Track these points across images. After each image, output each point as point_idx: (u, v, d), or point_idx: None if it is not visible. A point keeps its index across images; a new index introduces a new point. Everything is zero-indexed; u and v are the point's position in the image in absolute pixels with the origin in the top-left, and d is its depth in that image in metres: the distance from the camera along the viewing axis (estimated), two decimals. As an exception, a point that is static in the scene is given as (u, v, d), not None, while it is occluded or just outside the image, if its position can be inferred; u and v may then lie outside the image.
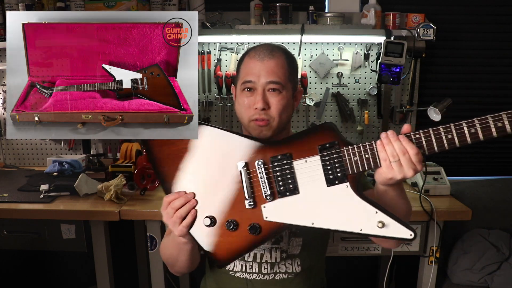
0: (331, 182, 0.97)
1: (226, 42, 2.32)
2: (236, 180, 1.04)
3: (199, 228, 1.05)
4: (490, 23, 2.33)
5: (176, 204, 1.04)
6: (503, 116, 0.85)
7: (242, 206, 1.03)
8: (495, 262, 2.03)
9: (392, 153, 0.91)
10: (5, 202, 1.83)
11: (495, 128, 0.86)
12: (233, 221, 1.03)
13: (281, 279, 1.25)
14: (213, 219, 1.04)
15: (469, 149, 2.50)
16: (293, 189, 1.00)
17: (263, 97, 1.12)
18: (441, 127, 0.89)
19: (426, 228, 1.86)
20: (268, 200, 1.02)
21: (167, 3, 2.16)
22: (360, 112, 2.38)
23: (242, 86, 1.16)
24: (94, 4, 2.15)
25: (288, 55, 1.19)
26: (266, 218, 1.02)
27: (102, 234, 1.84)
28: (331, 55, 2.32)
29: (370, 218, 0.93)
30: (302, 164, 1.00)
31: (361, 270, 2.63)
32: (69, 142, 2.46)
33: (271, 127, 1.14)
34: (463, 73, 2.40)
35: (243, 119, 1.17)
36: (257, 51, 1.16)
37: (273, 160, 1.02)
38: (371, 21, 2.16)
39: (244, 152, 1.04)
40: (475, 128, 0.86)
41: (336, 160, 0.97)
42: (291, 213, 1.00)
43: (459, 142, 0.87)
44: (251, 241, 1.04)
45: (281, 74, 1.13)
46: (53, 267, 2.59)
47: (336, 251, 1.89)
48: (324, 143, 0.98)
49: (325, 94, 2.36)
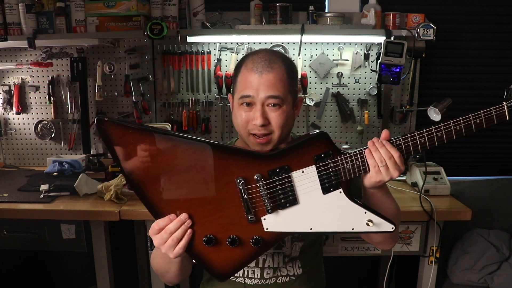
0: (327, 190, 1.01)
1: (226, 42, 2.32)
2: (234, 195, 1.01)
3: (199, 247, 1.02)
4: (490, 23, 2.32)
5: (171, 228, 0.97)
6: (461, 121, 0.96)
7: (242, 221, 1.01)
8: (495, 262, 2.03)
9: (380, 159, 0.98)
10: (5, 202, 1.83)
11: (454, 132, 0.96)
12: (235, 238, 1.01)
13: (283, 282, 1.25)
14: (213, 237, 1.01)
15: (469, 149, 2.50)
16: (293, 201, 1.01)
17: (262, 113, 1.07)
18: (416, 132, 0.98)
19: (426, 228, 1.86)
20: (268, 213, 1.02)
21: (167, 3, 2.16)
22: (360, 112, 2.38)
23: (240, 100, 1.10)
24: (94, 4, 2.15)
25: (287, 64, 1.12)
26: (267, 230, 1.02)
27: (102, 234, 1.84)
28: (331, 55, 2.32)
29: (360, 218, 1.01)
30: (300, 176, 1.01)
31: (361, 270, 2.63)
32: (69, 142, 2.46)
33: (272, 141, 1.10)
34: (463, 73, 2.40)
35: (241, 132, 1.13)
36: (255, 62, 1.09)
37: (271, 174, 1.01)
38: (371, 21, 2.16)
39: (239, 166, 1.01)
40: (441, 132, 0.96)
41: (331, 169, 1.00)
42: (291, 222, 1.02)
43: (429, 145, 0.98)
44: (254, 252, 1.04)
45: (281, 87, 1.08)
46: (53, 267, 2.59)
47: (336, 251, 1.89)
48: (319, 153, 1.01)
49: (325, 94, 2.36)
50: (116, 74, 2.38)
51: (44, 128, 2.48)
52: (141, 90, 2.37)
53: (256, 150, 1.10)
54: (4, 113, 2.46)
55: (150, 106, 2.39)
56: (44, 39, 2.17)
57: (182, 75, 2.36)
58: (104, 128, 0.96)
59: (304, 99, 2.33)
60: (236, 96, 1.12)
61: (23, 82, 2.43)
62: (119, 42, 2.34)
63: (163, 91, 2.37)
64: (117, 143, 0.97)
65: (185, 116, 2.36)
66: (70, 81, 2.38)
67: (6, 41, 2.17)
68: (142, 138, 0.97)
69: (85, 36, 2.19)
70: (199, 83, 2.36)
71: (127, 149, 0.97)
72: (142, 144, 0.97)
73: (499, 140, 2.49)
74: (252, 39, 2.25)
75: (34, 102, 2.45)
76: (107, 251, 1.88)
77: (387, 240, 1.19)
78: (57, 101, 2.42)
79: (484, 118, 0.94)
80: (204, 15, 2.22)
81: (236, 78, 1.14)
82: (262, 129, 1.08)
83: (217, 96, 2.34)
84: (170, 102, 2.38)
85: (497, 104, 0.95)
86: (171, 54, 2.31)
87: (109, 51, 2.36)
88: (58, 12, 2.17)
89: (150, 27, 2.07)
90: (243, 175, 1.00)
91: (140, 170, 0.98)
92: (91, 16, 2.18)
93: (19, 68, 2.37)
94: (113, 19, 2.17)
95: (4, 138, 2.49)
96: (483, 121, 0.95)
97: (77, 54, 2.34)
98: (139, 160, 0.98)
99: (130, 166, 0.98)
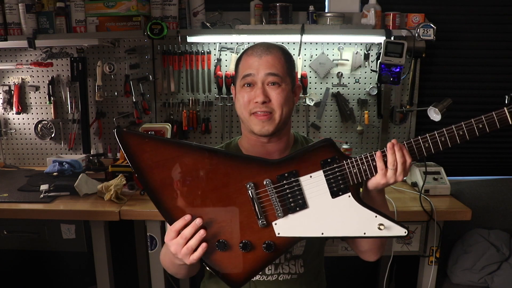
0: (335, 194, 1.03)
1: (226, 42, 2.32)
2: (245, 201, 1.03)
3: (212, 254, 1.04)
4: (490, 23, 2.32)
5: (186, 234, 1.00)
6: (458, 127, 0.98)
7: (254, 226, 1.04)
8: (495, 262, 2.03)
9: (393, 162, 0.99)
10: (5, 202, 1.83)
11: (458, 136, 0.98)
12: (248, 242, 1.03)
13: (284, 279, 1.25)
14: (226, 243, 1.03)
15: (469, 149, 2.50)
16: (303, 204, 1.03)
17: (263, 91, 1.14)
18: (420, 137, 1.01)
19: (426, 228, 1.86)
20: (279, 217, 1.03)
21: (167, 3, 2.16)
22: (360, 112, 2.38)
23: (242, 81, 1.17)
24: (94, 4, 2.15)
25: (285, 52, 1.21)
26: (279, 234, 1.03)
27: (102, 234, 1.84)
28: (331, 55, 2.32)
29: (371, 222, 1.01)
30: (308, 180, 1.03)
31: (361, 270, 2.63)
32: (69, 142, 2.46)
33: (274, 120, 1.15)
34: (463, 73, 2.40)
35: (243, 115, 1.18)
36: (254, 49, 1.18)
37: (280, 178, 1.03)
38: (371, 21, 2.16)
39: (249, 172, 1.04)
40: (444, 137, 0.99)
41: (338, 173, 1.03)
42: (302, 226, 1.03)
43: (434, 149, 1.00)
44: (267, 258, 1.05)
45: (280, 67, 1.16)
46: (53, 267, 2.59)
47: (336, 251, 1.89)
48: (325, 158, 1.03)
49: (325, 94, 2.36)
50: (116, 74, 2.38)
51: (44, 128, 2.48)
52: (141, 90, 2.37)
53: (258, 130, 1.15)
54: (4, 113, 2.46)
55: (150, 106, 2.39)
56: (44, 39, 2.17)
57: (182, 75, 2.36)
58: (122, 138, 1.03)
59: (304, 99, 2.33)
60: (238, 80, 1.20)
61: (23, 82, 2.43)
62: (119, 42, 2.34)
63: (163, 91, 2.37)
64: (134, 152, 1.03)
65: (185, 116, 2.36)
66: (70, 81, 2.38)
67: (6, 41, 2.17)
68: (157, 147, 1.03)
69: (85, 36, 2.19)
70: (199, 83, 2.36)
71: (143, 157, 1.03)
72: (157, 152, 1.03)
73: (499, 140, 2.49)
74: (252, 39, 2.25)
75: (34, 102, 2.46)
76: (107, 251, 1.88)
77: (376, 250, 1.21)
78: (57, 101, 2.42)
79: (486, 122, 0.96)
80: (204, 15, 2.22)
81: (238, 67, 1.22)
82: (263, 107, 1.13)
83: (217, 96, 2.34)
84: (170, 102, 2.38)
85: (499, 109, 0.96)
86: (171, 54, 2.31)
87: (109, 51, 2.36)
88: (58, 12, 2.17)
89: (150, 27, 2.08)
90: (253, 181, 1.03)
91: (155, 177, 1.03)
92: (91, 16, 2.18)
93: (19, 68, 2.37)
94: (113, 19, 2.17)
95: (4, 138, 2.50)
96: (485, 125, 0.96)
97: (77, 54, 2.34)
98: (154, 167, 1.03)
99: (146, 173, 1.03)
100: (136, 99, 2.37)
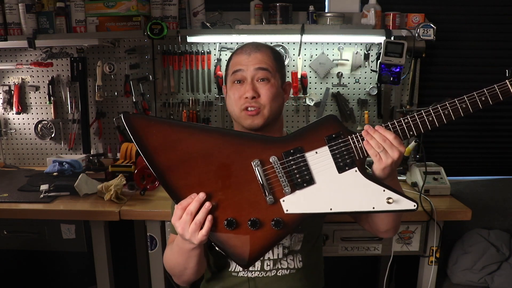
0: (342, 169, 1.04)
1: (226, 42, 2.32)
2: (251, 178, 1.04)
3: (220, 232, 1.04)
4: (490, 23, 2.32)
5: (191, 209, 1.00)
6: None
7: (262, 203, 1.04)
8: (495, 262, 2.03)
9: (377, 145, 1.01)
10: (5, 202, 1.83)
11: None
12: (256, 220, 1.03)
13: (283, 275, 1.25)
14: (234, 221, 1.03)
15: (469, 149, 2.51)
16: (310, 180, 1.04)
17: (253, 87, 1.18)
18: (408, 116, 1.04)
19: (426, 228, 1.86)
20: (286, 194, 1.04)
21: (167, 3, 2.16)
22: (360, 112, 2.38)
23: (232, 77, 1.21)
24: (94, 4, 2.15)
25: (274, 50, 1.25)
26: (287, 211, 1.04)
27: (102, 234, 1.84)
28: (331, 55, 2.32)
29: (380, 197, 1.01)
30: (314, 156, 1.05)
31: (361, 270, 2.63)
32: (69, 142, 2.46)
33: (263, 115, 1.19)
34: (463, 73, 2.40)
35: (234, 112, 1.22)
36: (244, 48, 1.24)
37: (286, 155, 1.05)
38: (371, 21, 2.16)
39: (254, 150, 1.05)
40: (431, 116, 1.04)
41: (343, 148, 1.04)
42: (310, 202, 1.04)
43: (422, 128, 1.03)
44: (276, 235, 1.05)
45: (269, 62, 1.20)
46: (53, 267, 2.59)
47: (336, 251, 1.89)
48: (330, 134, 1.05)
49: (325, 94, 2.36)
50: (116, 74, 2.38)
51: (44, 128, 2.48)
52: (141, 90, 2.37)
53: (248, 125, 1.19)
54: (4, 113, 2.46)
55: (150, 106, 2.39)
56: (44, 39, 2.17)
57: (182, 75, 2.37)
58: (130, 121, 1.05)
59: (304, 99, 2.33)
60: (229, 78, 1.24)
61: (23, 82, 2.43)
62: (119, 42, 2.34)
63: (163, 91, 2.37)
64: (141, 134, 1.04)
65: (185, 116, 2.36)
66: (70, 81, 2.38)
67: (6, 41, 2.17)
68: (164, 129, 1.05)
69: (85, 36, 2.19)
70: (199, 83, 2.36)
71: (151, 139, 1.05)
72: (164, 134, 1.05)
73: (499, 140, 2.49)
74: (252, 39, 2.25)
75: (34, 102, 2.46)
76: (107, 251, 1.88)
77: (394, 225, 1.22)
78: (57, 101, 2.42)
79: (488, 95, 0.99)
80: (204, 15, 2.22)
81: (228, 66, 1.27)
82: (253, 102, 1.18)
83: (217, 96, 2.35)
84: (170, 102, 2.38)
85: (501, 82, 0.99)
86: (171, 54, 2.31)
87: (109, 51, 2.36)
88: (58, 12, 2.17)
89: (150, 27, 2.08)
90: (258, 158, 1.04)
91: (162, 157, 1.04)
92: (91, 16, 2.18)
93: (19, 68, 2.37)
94: (113, 19, 2.17)
95: (4, 138, 2.50)
96: (488, 98, 0.98)
97: (77, 54, 2.34)
98: (161, 148, 1.05)
99: (153, 154, 1.04)
100: (136, 99, 2.37)
